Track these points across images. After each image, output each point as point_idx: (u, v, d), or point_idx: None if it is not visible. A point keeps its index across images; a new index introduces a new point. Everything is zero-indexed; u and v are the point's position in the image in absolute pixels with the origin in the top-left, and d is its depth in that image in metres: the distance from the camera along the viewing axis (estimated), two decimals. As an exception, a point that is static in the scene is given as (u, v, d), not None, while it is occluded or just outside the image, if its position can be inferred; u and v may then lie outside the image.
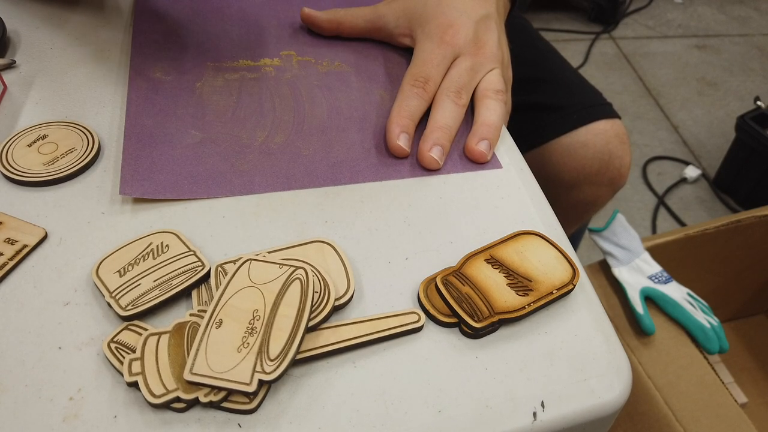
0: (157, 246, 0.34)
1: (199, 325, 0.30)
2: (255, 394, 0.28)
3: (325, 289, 0.32)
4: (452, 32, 0.46)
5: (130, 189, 0.37)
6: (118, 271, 0.33)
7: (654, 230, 1.42)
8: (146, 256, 0.34)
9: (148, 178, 0.38)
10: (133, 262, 0.34)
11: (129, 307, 0.31)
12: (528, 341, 0.33)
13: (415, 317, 0.33)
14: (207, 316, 0.30)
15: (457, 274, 0.34)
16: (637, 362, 0.77)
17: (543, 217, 0.40)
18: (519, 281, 0.34)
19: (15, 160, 0.39)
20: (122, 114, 0.43)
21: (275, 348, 0.29)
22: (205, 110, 0.44)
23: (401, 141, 0.42)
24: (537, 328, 0.34)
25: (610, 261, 0.82)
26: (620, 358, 0.33)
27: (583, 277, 0.36)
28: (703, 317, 0.79)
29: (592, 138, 0.67)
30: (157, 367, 0.29)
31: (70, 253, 0.35)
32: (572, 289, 0.34)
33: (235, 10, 0.54)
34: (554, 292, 0.34)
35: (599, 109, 0.69)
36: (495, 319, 0.32)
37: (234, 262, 0.34)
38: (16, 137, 0.40)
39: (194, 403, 0.29)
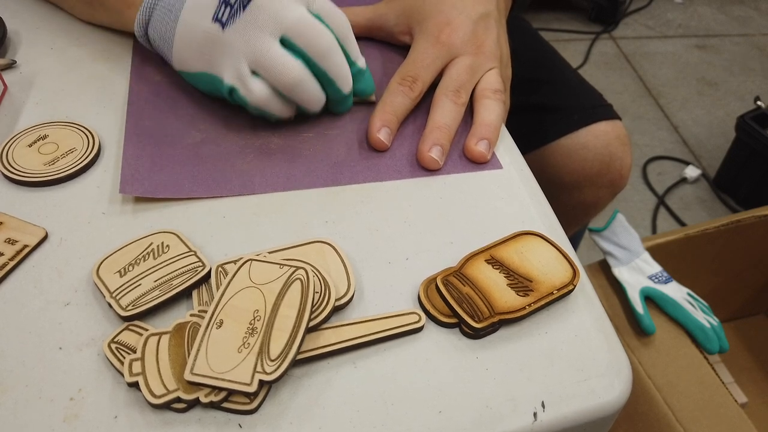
0: (158, 246, 0.35)
1: (200, 326, 0.30)
2: (255, 394, 0.29)
3: (325, 290, 0.32)
4: (449, 31, 0.46)
5: (130, 188, 0.37)
6: (119, 271, 0.33)
7: (654, 230, 1.42)
8: (147, 256, 0.34)
9: (148, 177, 0.38)
10: (133, 262, 0.34)
11: (129, 308, 0.31)
12: (528, 341, 0.33)
13: (415, 317, 0.33)
14: (207, 316, 0.30)
15: (458, 274, 0.34)
16: (637, 362, 0.77)
17: (543, 217, 0.40)
18: (519, 281, 0.34)
19: (15, 160, 0.39)
20: (122, 114, 0.43)
21: (276, 348, 0.29)
22: (205, 110, 0.44)
23: (381, 134, 0.42)
24: (537, 329, 0.34)
25: (610, 261, 0.82)
26: (620, 358, 0.33)
27: (583, 277, 0.36)
28: (703, 317, 0.79)
29: (593, 139, 0.67)
30: (158, 368, 0.29)
31: (70, 253, 0.35)
32: (572, 290, 0.34)
33: (235, 10, 0.54)
34: (554, 292, 0.34)
35: (600, 110, 0.69)
36: (495, 319, 0.32)
37: (234, 262, 0.34)
38: (16, 137, 0.40)
39: (195, 404, 0.29)
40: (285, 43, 0.38)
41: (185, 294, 0.33)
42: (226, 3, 0.38)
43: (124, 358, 0.30)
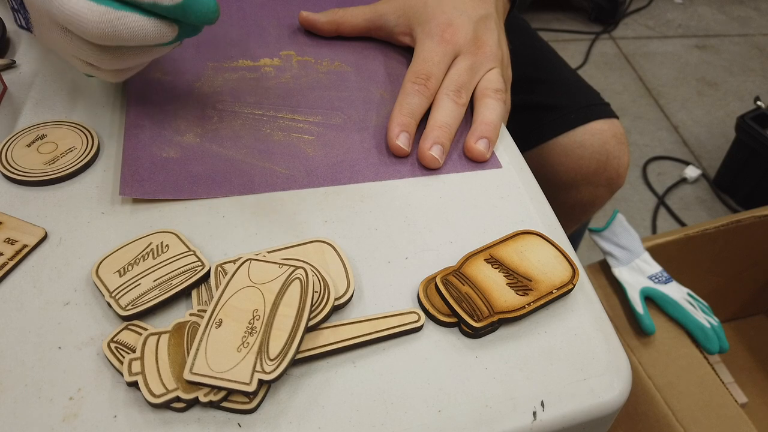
0: (157, 246, 0.34)
1: (199, 325, 0.30)
2: (255, 393, 0.28)
3: (324, 289, 0.32)
4: (452, 31, 0.46)
5: (130, 190, 0.37)
6: (118, 271, 0.33)
7: (654, 230, 1.42)
8: (146, 256, 0.34)
9: (148, 178, 0.38)
10: (132, 262, 0.34)
11: (129, 307, 0.31)
12: (528, 341, 0.33)
13: (414, 317, 0.33)
14: (207, 315, 0.30)
15: (457, 273, 0.34)
16: (637, 362, 0.77)
17: (543, 216, 0.40)
18: (519, 281, 0.34)
19: (15, 160, 0.39)
20: (122, 114, 0.43)
21: (275, 348, 0.29)
22: (205, 110, 0.44)
23: (401, 141, 0.42)
24: (537, 328, 0.34)
25: (610, 261, 0.82)
26: (620, 357, 0.33)
27: (583, 277, 0.36)
28: (703, 317, 0.79)
29: (590, 138, 0.67)
30: (157, 367, 0.29)
31: (70, 253, 0.35)
32: (572, 289, 0.34)
33: (234, 10, 0.54)
34: (554, 291, 0.34)
35: (597, 109, 0.69)
36: (495, 318, 0.32)
37: (234, 261, 0.34)
38: (15, 137, 0.40)
39: (194, 403, 0.29)
40: None
41: (184, 293, 0.33)
42: None
43: (124, 357, 0.30)
